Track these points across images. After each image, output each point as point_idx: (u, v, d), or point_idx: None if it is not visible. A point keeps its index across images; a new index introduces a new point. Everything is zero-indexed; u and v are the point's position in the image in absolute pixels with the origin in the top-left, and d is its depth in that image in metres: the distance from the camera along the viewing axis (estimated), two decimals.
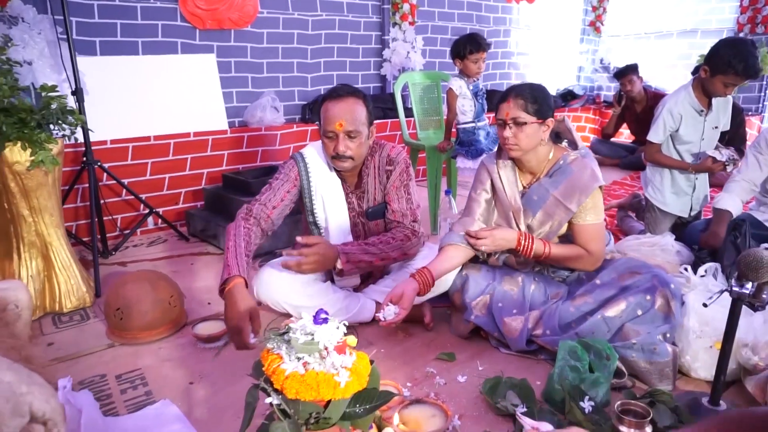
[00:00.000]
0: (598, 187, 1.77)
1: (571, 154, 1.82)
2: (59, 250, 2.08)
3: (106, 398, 1.55)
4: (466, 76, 2.80)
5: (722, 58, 2.27)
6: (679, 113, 2.49)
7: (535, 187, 1.83)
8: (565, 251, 1.80)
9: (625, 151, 4.97)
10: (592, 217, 1.79)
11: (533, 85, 1.76)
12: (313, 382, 1.01)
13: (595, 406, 1.41)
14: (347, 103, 1.83)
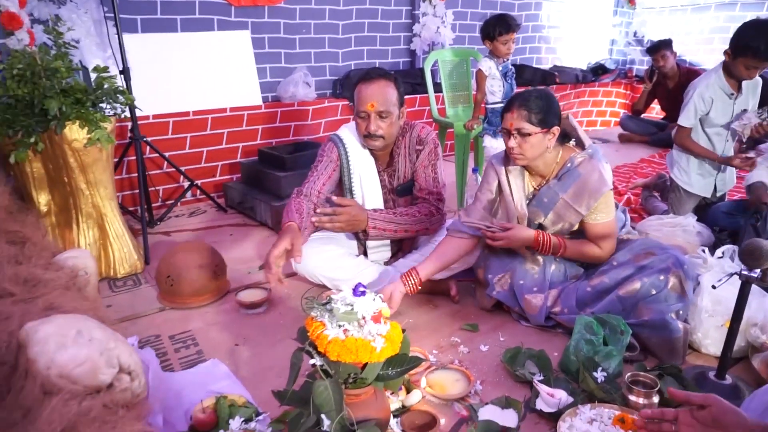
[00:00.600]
0: (608, 190, 1.80)
1: (578, 155, 1.82)
2: (113, 220, 2.26)
3: (162, 356, 1.72)
4: (496, 56, 2.84)
5: (742, 40, 2.27)
6: (710, 97, 2.49)
7: (544, 190, 1.86)
8: (579, 248, 1.86)
9: (655, 127, 4.93)
10: (603, 216, 1.83)
11: (538, 94, 1.75)
12: (352, 347, 1.15)
13: (608, 376, 1.53)
14: (379, 85, 1.93)
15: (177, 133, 3.24)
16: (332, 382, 1.18)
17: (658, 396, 1.43)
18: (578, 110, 5.57)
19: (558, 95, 5.21)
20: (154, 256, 2.47)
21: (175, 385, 1.53)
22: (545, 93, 1.78)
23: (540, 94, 1.75)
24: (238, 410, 1.41)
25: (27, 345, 0.92)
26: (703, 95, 2.49)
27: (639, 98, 4.98)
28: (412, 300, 2.09)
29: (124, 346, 1.03)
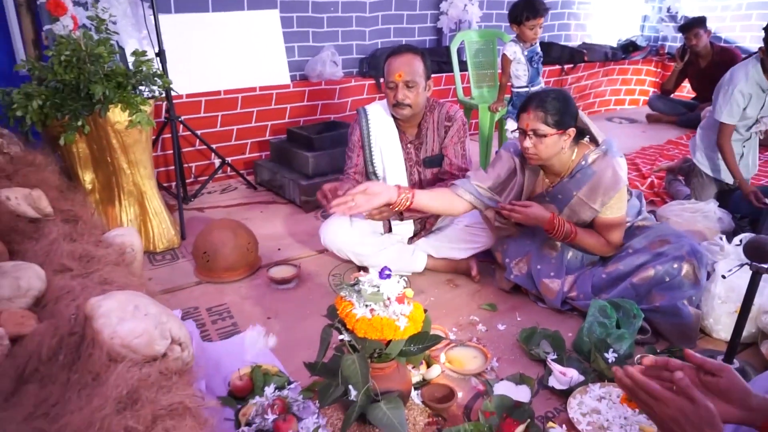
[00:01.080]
0: (623, 187, 1.84)
1: (592, 152, 1.86)
2: (152, 198, 2.39)
3: (201, 326, 1.86)
4: (522, 41, 2.85)
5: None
6: (749, 93, 2.48)
7: (559, 187, 1.90)
8: (588, 239, 1.90)
9: (684, 108, 4.85)
10: (614, 212, 1.87)
11: (555, 95, 1.77)
12: (378, 325, 1.25)
13: (618, 357, 1.61)
14: (406, 57, 2.05)
15: (209, 111, 3.35)
16: (359, 357, 1.29)
17: None
18: (606, 89, 5.51)
19: (585, 74, 5.16)
20: (190, 231, 2.60)
21: (214, 354, 1.67)
22: (562, 94, 1.80)
23: (557, 96, 1.78)
24: (272, 379, 1.54)
25: (92, 318, 1.04)
26: (743, 92, 2.47)
27: (669, 77, 4.90)
28: (434, 279, 2.19)
29: (175, 320, 1.15)
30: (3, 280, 1.24)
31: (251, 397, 1.48)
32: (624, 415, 1.42)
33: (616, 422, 1.40)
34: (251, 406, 1.42)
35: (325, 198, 2.02)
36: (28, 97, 2.06)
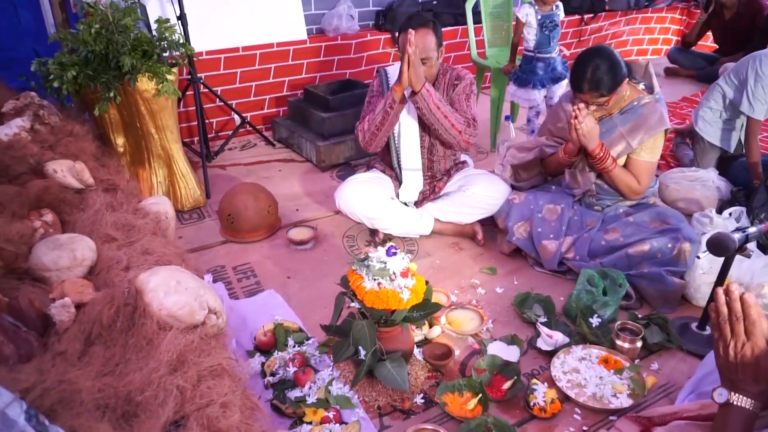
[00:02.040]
0: (663, 130, 2.02)
1: (646, 97, 2.06)
2: (178, 160, 2.56)
3: (228, 284, 2.08)
4: (542, 3, 2.85)
5: None
6: None
7: (606, 120, 2.08)
8: (622, 175, 2.08)
9: (705, 61, 4.78)
10: (648, 155, 2.06)
11: (598, 68, 1.89)
12: (384, 297, 1.44)
13: (602, 322, 1.79)
14: (420, 34, 2.12)
15: (228, 68, 3.44)
16: (368, 323, 1.49)
17: (641, 342, 1.69)
18: (628, 38, 5.40)
19: (606, 23, 5.06)
20: (214, 189, 2.79)
21: (241, 311, 1.89)
22: (608, 59, 1.91)
23: (603, 67, 1.90)
24: (292, 335, 1.76)
25: (143, 291, 1.24)
26: None
27: (692, 29, 4.80)
28: (441, 242, 2.36)
29: (211, 292, 1.34)
30: (62, 251, 1.44)
31: (274, 351, 1.70)
32: (600, 374, 1.62)
33: (592, 381, 1.60)
34: (275, 360, 1.65)
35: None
36: (62, 67, 2.20)
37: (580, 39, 4.99)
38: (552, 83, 2.98)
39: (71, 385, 1.05)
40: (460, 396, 1.55)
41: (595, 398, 1.55)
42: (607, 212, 2.19)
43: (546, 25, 2.84)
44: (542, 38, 2.87)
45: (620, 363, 1.65)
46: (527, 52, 2.94)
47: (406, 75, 2.04)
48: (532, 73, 2.94)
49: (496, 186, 2.30)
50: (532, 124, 3.13)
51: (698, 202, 2.49)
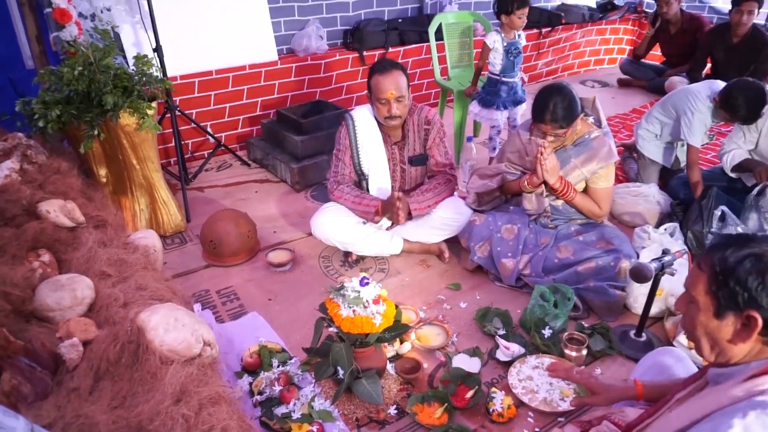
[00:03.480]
0: (613, 162, 2.27)
1: (595, 131, 2.30)
2: (160, 189, 2.69)
3: (213, 308, 2.23)
4: (507, 30, 3.06)
5: (728, 102, 2.58)
6: (709, 125, 2.82)
7: (561, 151, 2.30)
8: (584, 202, 2.33)
9: (654, 72, 5.09)
10: (604, 183, 2.32)
11: (560, 103, 2.12)
12: (359, 323, 1.63)
13: (553, 332, 2.01)
14: (393, 76, 2.32)
15: (202, 91, 3.57)
16: (345, 345, 1.68)
17: (586, 350, 1.93)
18: (585, 50, 5.70)
19: (563, 36, 5.34)
20: (194, 213, 2.92)
21: (227, 334, 2.05)
22: (567, 97, 2.13)
23: (562, 102, 2.12)
24: (276, 355, 1.93)
25: (145, 329, 1.39)
26: (706, 122, 2.78)
27: (641, 43, 5.11)
28: (410, 260, 2.56)
29: (204, 326, 1.51)
30: (63, 292, 1.59)
31: (260, 371, 1.87)
32: (550, 381, 1.84)
33: (544, 387, 1.82)
34: (261, 380, 1.82)
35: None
36: (46, 105, 2.31)
37: (539, 51, 5.26)
38: (513, 105, 3.22)
39: (88, 419, 1.21)
40: (429, 406, 1.75)
41: (545, 402, 1.77)
42: (560, 230, 2.42)
43: (511, 52, 3.07)
44: (507, 64, 3.09)
45: None
46: (493, 75, 3.16)
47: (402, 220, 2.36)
48: (496, 95, 3.16)
49: (459, 208, 2.52)
50: (494, 141, 3.37)
51: (641, 216, 2.75)
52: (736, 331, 1.04)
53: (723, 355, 1.07)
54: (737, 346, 1.04)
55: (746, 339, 1.02)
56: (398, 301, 2.27)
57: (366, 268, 2.52)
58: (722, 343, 1.06)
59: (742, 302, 1.02)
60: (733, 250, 1.04)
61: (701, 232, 2.42)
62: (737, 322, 1.03)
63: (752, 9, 3.98)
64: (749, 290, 1.01)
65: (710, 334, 1.08)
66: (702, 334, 1.09)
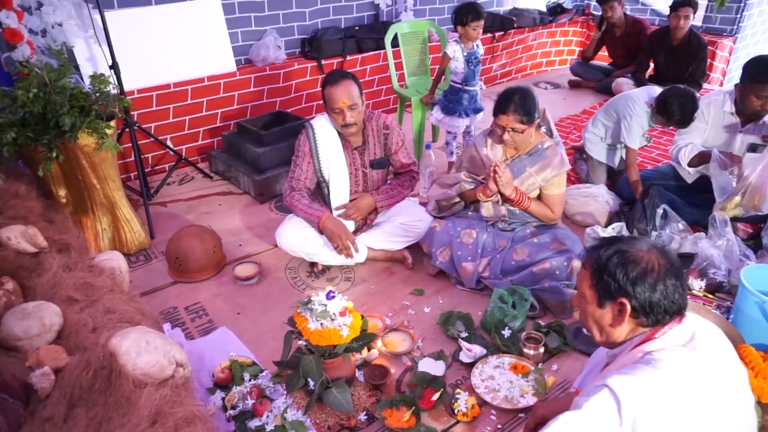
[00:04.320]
0: (564, 171, 2.40)
1: (547, 141, 2.42)
2: (122, 207, 2.68)
3: (182, 325, 2.26)
4: (465, 41, 3.19)
5: (666, 107, 2.76)
6: (646, 129, 3.01)
7: (516, 161, 2.43)
8: (538, 208, 2.47)
9: (602, 73, 5.32)
10: (557, 189, 2.45)
11: (525, 97, 2.25)
12: (326, 335, 1.69)
13: (512, 332, 2.13)
14: (344, 86, 2.37)
15: (161, 105, 3.55)
16: (314, 357, 1.74)
17: (543, 348, 2.05)
18: (537, 52, 5.89)
19: (516, 39, 5.51)
20: (157, 229, 2.92)
21: (198, 350, 2.08)
22: (528, 92, 2.28)
23: (526, 97, 2.25)
24: (247, 369, 1.98)
25: (117, 354, 1.42)
26: (643, 125, 2.97)
27: (589, 45, 5.34)
28: (374, 268, 2.64)
29: (176, 347, 1.54)
30: (31, 320, 1.60)
31: (232, 385, 1.91)
32: (510, 379, 1.95)
33: (504, 386, 1.93)
34: (234, 394, 1.86)
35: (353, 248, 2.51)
36: (0, 128, 2.28)
37: (493, 55, 5.41)
38: (474, 113, 3.35)
39: None
40: (397, 410, 1.83)
41: (507, 400, 1.88)
42: (516, 233, 2.54)
43: (471, 61, 3.19)
44: (468, 73, 3.22)
45: (527, 367, 2.00)
46: (455, 84, 3.28)
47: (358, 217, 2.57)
48: (458, 103, 3.29)
49: (420, 215, 2.61)
50: (450, 146, 3.49)
51: (592, 215, 2.91)
52: (614, 317, 1.25)
53: (609, 337, 1.29)
54: (617, 329, 1.26)
55: (622, 322, 1.24)
56: (365, 309, 2.35)
57: (332, 277, 2.58)
58: (606, 328, 1.28)
59: (614, 291, 1.22)
60: (604, 250, 1.25)
61: (645, 229, 2.59)
62: (614, 309, 1.24)
63: (688, 14, 4.22)
64: (618, 281, 1.21)
65: (597, 321, 1.29)
66: (592, 323, 1.31)
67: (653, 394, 1.11)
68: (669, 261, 1.21)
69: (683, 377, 1.13)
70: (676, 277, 1.20)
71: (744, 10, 5.22)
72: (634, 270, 1.20)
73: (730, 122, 2.72)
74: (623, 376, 1.14)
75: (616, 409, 1.11)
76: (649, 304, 1.19)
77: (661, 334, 1.22)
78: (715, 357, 1.20)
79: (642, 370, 1.14)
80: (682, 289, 1.21)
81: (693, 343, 1.20)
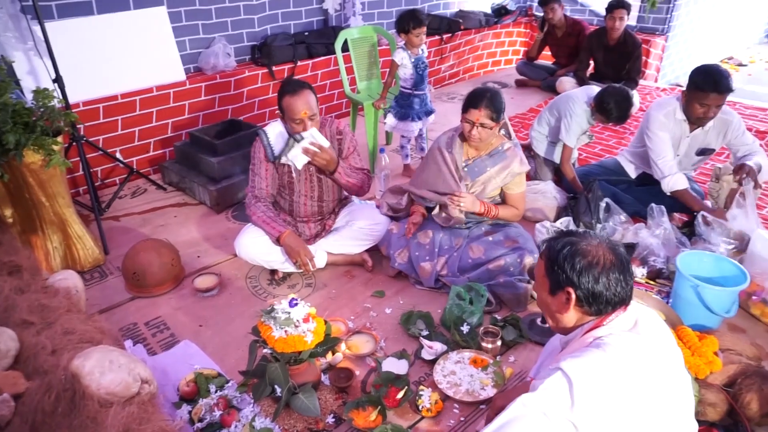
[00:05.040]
0: (524, 171, 2.52)
1: (507, 143, 2.54)
2: (73, 224, 2.62)
3: (143, 341, 2.23)
4: (410, 48, 3.26)
5: (604, 106, 2.93)
6: (585, 128, 3.17)
7: (478, 161, 2.53)
8: (505, 212, 2.57)
9: (546, 72, 5.53)
10: (518, 188, 2.57)
11: (496, 95, 2.37)
12: (291, 342, 1.73)
13: (471, 327, 2.21)
14: (304, 96, 2.39)
15: (108, 117, 3.47)
16: (280, 364, 1.77)
17: (500, 341, 2.14)
18: (483, 52, 6.06)
19: (463, 41, 5.66)
20: (112, 244, 2.87)
21: (161, 365, 2.07)
22: (500, 94, 2.40)
23: (496, 96, 2.37)
24: (213, 381, 1.98)
25: (80, 375, 1.42)
26: (582, 125, 3.13)
27: (532, 46, 5.54)
28: (335, 272, 2.68)
29: (140, 364, 1.54)
30: None
31: (199, 398, 1.92)
32: (471, 373, 2.03)
33: (465, 379, 2.01)
34: (200, 407, 1.87)
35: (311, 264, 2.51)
36: None
37: (441, 57, 5.54)
38: (425, 116, 3.43)
39: None
40: (364, 410, 1.88)
41: (468, 393, 1.96)
42: (471, 231, 2.63)
43: (419, 66, 3.27)
44: (417, 78, 3.30)
45: (486, 361, 2.08)
46: (405, 89, 3.35)
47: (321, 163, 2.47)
48: (410, 107, 3.37)
49: (377, 218, 2.67)
50: (405, 149, 3.57)
51: (542, 211, 3.04)
52: (561, 304, 1.35)
53: (559, 322, 1.39)
54: (564, 315, 1.36)
55: (568, 309, 1.33)
56: (327, 313, 2.39)
57: (293, 284, 2.61)
58: (555, 314, 1.38)
59: (562, 281, 1.31)
60: (557, 243, 1.35)
61: (590, 222, 2.73)
62: (561, 297, 1.34)
63: (622, 15, 4.46)
64: (566, 272, 1.30)
65: (548, 307, 1.40)
66: (545, 308, 1.43)
67: (602, 374, 1.21)
68: (616, 256, 1.31)
69: (629, 358, 1.24)
70: (621, 271, 1.29)
71: (673, 11, 5.53)
72: (580, 262, 1.29)
73: (680, 128, 2.84)
74: (575, 359, 1.24)
75: (568, 389, 1.21)
76: (592, 294, 1.29)
77: (609, 321, 1.32)
78: (655, 340, 1.32)
79: (591, 353, 1.24)
80: (625, 282, 1.30)
81: (637, 328, 1.31)
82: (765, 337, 2.26)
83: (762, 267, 2.31)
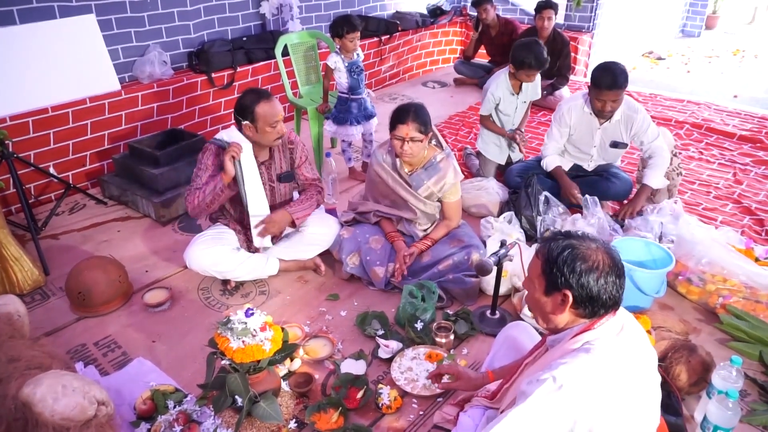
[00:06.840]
0: (459, 180, 2.60)
1: (439, 154, 2.58)
2: (8, 245, 2.51)
3: (94, 362, 2.18)
4: (344, 52, 3.30)
5: (518, 58, 3.03)
6: (499, 96, 3.29)
7: (415, 175, 2.59)
8: (442, 231, 2.66)
9: (483, 70, 5.71)
10: (454, 197, 2.63)
11: (421, 109, 2.43)
12: (249, 351, 1.74)
13: (424, 324, 2.29)
14: (275, 100, 2.46)
15: (39, 131, 3.32)
16: (240, 374, 1.78)
17: (453, 335, 2.23)
18: (421, 52, 6.18)
19: (401, 41, 5.76)
20: (52, 264, 2.76)
21: (115, 385, 2.03)
22: (423, 107, 2.46)
23: (422, 109, 2.44)
24: (171, 396, 1.96)
25: (32, 404, 1.38)
26: (494, 93, 3.26)
27: (468, 45, 5.70)
28: (288, 278, 2.69)
29: (95, 386, 1.52)
30: None
31: (157, 415, 1.89)
32: (427, 368, 2.11)
33: (422, 375, 2.08)
34: (160, 424, 1.85)
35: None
36: None
37: (381, 58, 5.61)
38: (366, 120, 3.48)
39: None
40: (325, 413, 1.92)
41: (425, 388, 2.03)
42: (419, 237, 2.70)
43: (353, 70, 3.31)
44: (353, 82, 3.33)
45: (440, 355, 2.17)
46: (342, 94, 3.38)
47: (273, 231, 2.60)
48: (348, 112, 3.40)
49: (328, 223, 2.70)
50: (347, 153, 3.63)
51: (485, 206, 3.17)
52: (556, 305, 1.35)
53: (550, 323, 1.40)
54: (557, 317, 1.37)
55: (563, 311, 1.34)
56: (283, 320, 2.40)
57: (247, 293, 2.61)
58: (548, 315, 1.39)
59: (560, 283, 1.31)
60: (556, 244, 1.34)
61: (531, 215, 2.87)
62: (557, 298, 1.34)
63: (551, 15, 4.68)
64: (564, 274, 1.30)
65: (541, 307, 1.40)
66: (537, 308, 1.42)
67: (592, 379, 1.25)
68: (612, 260, 1.33)
69: (616, 363, 1.28)
70: (617, 275, 1.32)
71: (597, 9, 5.84)
72: (581, 266, 1.28)
73: (590, 121, 3.03)
74: (566, 366, 1.26)
75: (560, 396, 1.23)
76: (589, 297, 1.29)
77: (599, 325, 1.32)
78: (638, 345, 1.37)
79: (582, 358, 1.27)
80: (620, 286, 1.31)
81: (623, 333, 1.35)
82: (691, 313, 2.46)
83: (686, 249, 2.51)
